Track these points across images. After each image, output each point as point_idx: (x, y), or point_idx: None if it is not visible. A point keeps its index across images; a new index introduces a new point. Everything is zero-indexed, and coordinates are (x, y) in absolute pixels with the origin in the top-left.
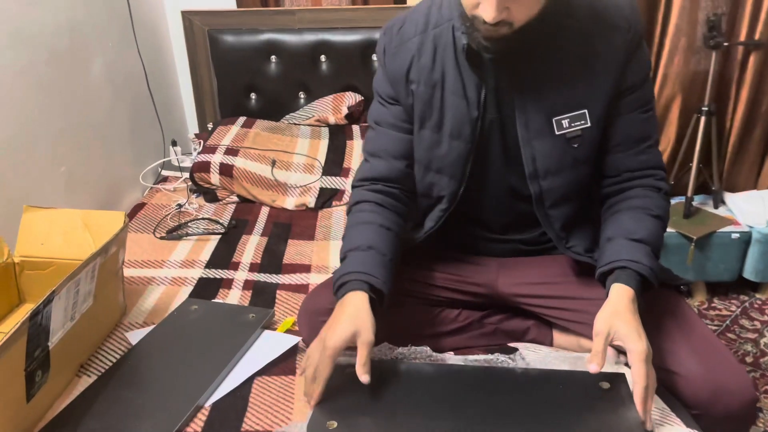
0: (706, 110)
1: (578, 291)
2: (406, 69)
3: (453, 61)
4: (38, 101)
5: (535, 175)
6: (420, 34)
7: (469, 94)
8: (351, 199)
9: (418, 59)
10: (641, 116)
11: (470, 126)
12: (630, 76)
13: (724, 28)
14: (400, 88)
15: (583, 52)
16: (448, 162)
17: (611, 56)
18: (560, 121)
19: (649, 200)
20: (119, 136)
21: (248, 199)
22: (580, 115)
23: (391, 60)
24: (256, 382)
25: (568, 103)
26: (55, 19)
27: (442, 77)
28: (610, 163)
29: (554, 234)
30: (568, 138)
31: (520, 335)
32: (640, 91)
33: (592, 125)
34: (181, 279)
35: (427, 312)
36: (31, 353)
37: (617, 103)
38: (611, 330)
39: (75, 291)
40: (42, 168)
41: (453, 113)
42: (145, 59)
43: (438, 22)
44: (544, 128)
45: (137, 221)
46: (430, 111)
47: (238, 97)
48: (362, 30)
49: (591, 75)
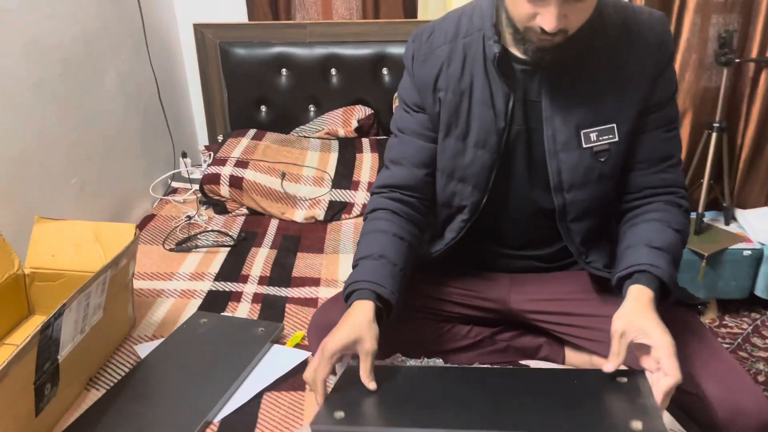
0: (717, 126)
1: (591, 308)
2: (434, 76)
3: (482, 70)
4: (52, 113)
5: (560, 188)
6: (450, 42)
7: (496, 104)
8: (369, 205)
9: (447, 67)
10: (665, 135)
11: (496, 136)
12: (657, 92)
13: (735, 44)
14: (427, 95)
15: (614, 68)
16: (472, 171)
17: (641, 73)
18: (588, 134)
19: (669, 215)
20: (130, 147)
21: (257, 212)
22: (608, 129)
23: (419, 67)
24: (265, 397)
25: (597, 117)
26: (69, 32)
27: (470, 86)
28: (632, 180)
29: (575, 248)
30: (596, 152)
31: (532, 353)
32: (666, 110)
33: (619, 140)
34: (190, 292)
35: (437, 328)
36: (41, 367)
37: (642, 120)
38: (632, 328)
39: (85, 304)
40: (54, 179)
41: (479, 123)
42: (157, 71)
43: (469, 32)
44: (571, 141)
45: (147, 233)
46: (456, 119)
47: (248, 110)
48: (373, 44)
49: (621, 90)
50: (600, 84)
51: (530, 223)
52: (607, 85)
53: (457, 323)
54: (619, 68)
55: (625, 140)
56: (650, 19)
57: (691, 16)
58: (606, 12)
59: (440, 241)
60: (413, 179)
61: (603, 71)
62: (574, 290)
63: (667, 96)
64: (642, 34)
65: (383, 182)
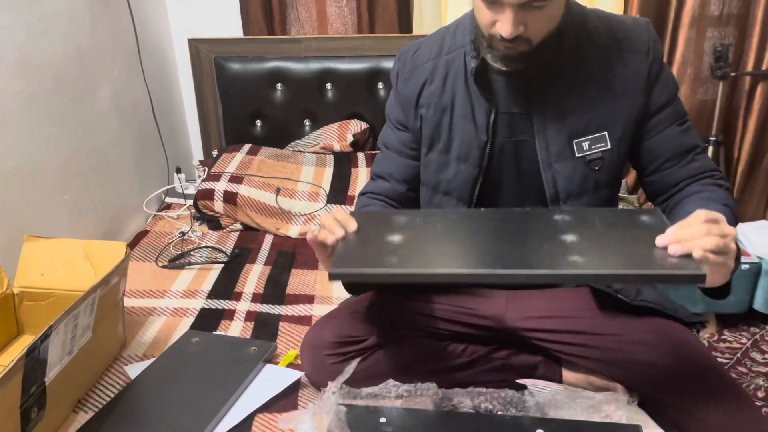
0: (713, 140)
1: (590, 326)
2: (417, 93)
3: (463, 85)
4: (45, 130)
5: (556, 199)
6: (433, 59)
7: (477, 118)
8: (356, 205)
9: (430, 84)
10: (680, 129)
11: (478, 150)
12: (659, 97)
13: (731, 58)
14: (410, 112)
15: (604, 76)
16: (456, 185)
17: (632, 80)
18: (580, 143)
19: (715, 194)
20: (124, 163)
21: (252, 227)
22: (600, 137)
23: (403, 84)
24: (257, 419)
25: (588, 126)
26: (62, 48)
27: (451, 101)
28: (663, 180)
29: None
30: (589, 160)
31: (528, 371)
32: (673, 107)
33: (612, 148)
34: (182, 310)
35: (431, 347)
36: (27, 390)
37: (650, 124)
38: (707, 215)
39: (73, 325)
40: (46, 196)
41: (461, 137)
42: (151, 87)
43: (451, 48)
44: (564, 151)
45: (140, 249)
46: (438, 134)
47: (243, 125)
48: (368, 58)
49: (611, 98)
50: (590, 93)
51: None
52: (598, 94)
53: (452, 342)
54: (609, 76)
55: (618, 147)
56: (635, 26)
57: (686, 30)
58: (590, 22)
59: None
60: (395, 193)
61: (593, 80)
62: (572, 307)
63: (671, 95)
64: (630, 42)
65: (369, 190)
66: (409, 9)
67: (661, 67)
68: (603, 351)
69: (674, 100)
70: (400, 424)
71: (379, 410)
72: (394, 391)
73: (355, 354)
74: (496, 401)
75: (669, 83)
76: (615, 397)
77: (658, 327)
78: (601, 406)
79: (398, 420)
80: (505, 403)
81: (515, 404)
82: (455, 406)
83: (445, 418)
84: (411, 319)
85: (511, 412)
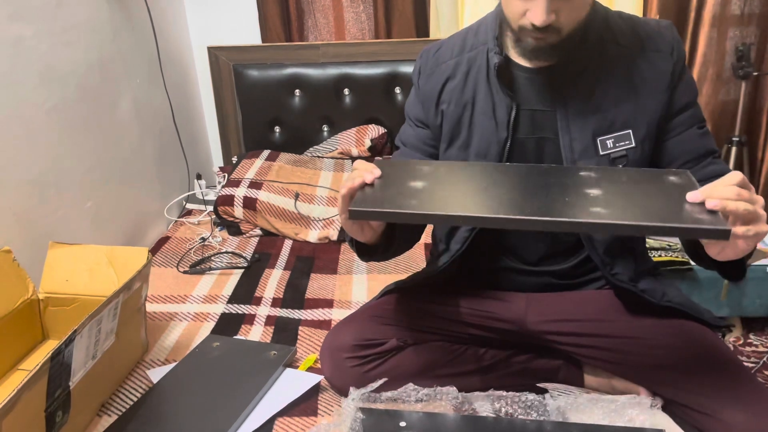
0: (736, 141)
1: (612, 329)
2: (438, 90)
3: (485, 82)
4: (68, 139)
5: None
6: (456, 57)
7: (498, 114)
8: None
9: (452, 80)
10: (699, 131)
11: (497, 146)
12: (681, 97)
13: (753, 57)
14: (430, 108)
15: (628, 75)
16: None
17: (657, 79)
18: (605, 141)
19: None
20: (145, 170)
21: (271, 233)
22: (624, 135)
23: (425, 81)
24: (277, 423)
25: (613, 124)
26: (85, 58)
27: (473, 98)
28: None
29: (599, 258)
30: (613, 158)
31: (549, 375)
32: (693, 109)
33: (636, 146)
34: (203, 314)
35: (451, 350)
36: (52, 394)
37: (671, 124)
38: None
39: (97, 329)
40: (69, 204)
41: (481, 133)
42: (172, 95)
43: (474, 46)
44: (588, 148)
45: (161, 255)
46: (458, 130)
47: (262, 131)
48: (385, 63)
49: (635, 96)
50: (614, 91)
51: (546, 235)
52: (622, 92)
53: (472, 345)
54: (633, 75)
55: (641, 146)
56: (658, 27)
57: (707, 30)
58: (613, 22)
59: (447, 254)
60: None
61: (617, 79)
62: (593, 310)
63: (692, 97)
64: (654, 42)
65: None
66: (426, 13)
67: (684, 68)
68: (625, 354)
69: (695, 103)
70: (420, 428)
71: (399, 414)
72: (414, 395)
73: (374, 357)
74: (517, 405)
75: (691, 85)
76: (638, 401)
77: (684, 330)
78: (623, 409)
79: (418, 424)
80: (525, 407)
81: (536, 408)
82: (475, 410)
83: (466, 423)
84: (431, 323)
85: (532, 416)
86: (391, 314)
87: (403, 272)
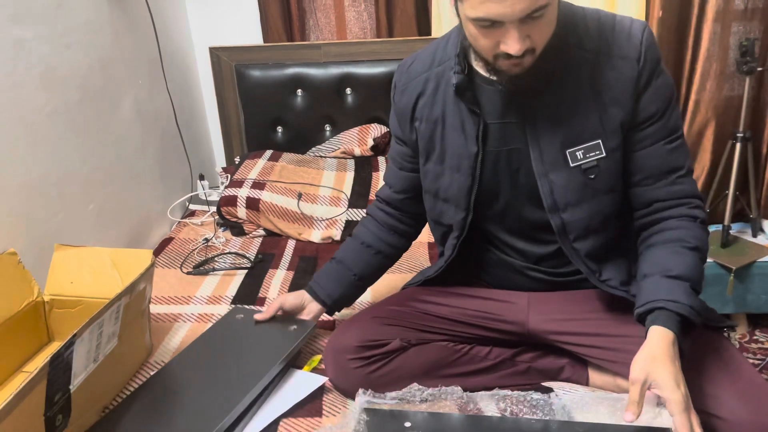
0: (741, 136)
1: (614, 328)
2: (411, 106)
3: (453, 97)
4: (70, 141)
5: (555, 208)
6: (425, 72)
7: (467, 129)
8: (368, 208)
9: (422, 97)
10: (667, 147)
11: (469, 160)
12: (648, 106)
13: (757, 52)
14: (405, 125)
15: (594, 83)
16: (452, 194)
17: (622, 86)
18: (574, 153)
19: (685, 231)
20: (148, 171)
21: (274, 233)
22: (594, 146)
23: (399, 97)
24: (282, 424)
25: (581, 135)
26: (86, 60)
27: (442, 113)
28: (639, 195)
29: (584, 267)
30: (584, 169)
31: (554, 374)
32: (663, 121)
33: (606, 155)
34: (207, 315)
35: (456, 350)
36: (52, 398)
37: (637, 136)
38: (648, 377)
39: (98, 333)
40: (72, 206)
41: (453, 148)
42: (174, 96)
43: (442, 60)
44: (558, 160)
45: (164, 256)
46: (432, 146)
47: (264, 131)
48: (387, 62)
49: (602, 106)
50: (582, 101)
51: (537, 239)
52: (589, 102)
53: (476, 345)
54: (599, 84)
55: (612, 155)
56: (630, 29)
57: (711, 25)
58: (582, 26)
59: (441, 258)
60: (395, 201)
61: (583, 88)
62: (595, 309)
63: (662, 107)
64: (619, 48)
65: (378, 194)
66: (427, 12)
67: (655, 74)
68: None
69: (665, 113)
70: (425, 428)
71: (404, 414)
72: (419, 395)
73: (378, 358)
74: (522, 404)
75: (661, 93)
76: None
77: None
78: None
79: (423, 424)
80: (530, 406)
81: (541, 407)
82: (480, 410)
83: (471, 422)
84: (434, 323)
85: (537, 415)
86: (394, 315)
87: (407, 272)
